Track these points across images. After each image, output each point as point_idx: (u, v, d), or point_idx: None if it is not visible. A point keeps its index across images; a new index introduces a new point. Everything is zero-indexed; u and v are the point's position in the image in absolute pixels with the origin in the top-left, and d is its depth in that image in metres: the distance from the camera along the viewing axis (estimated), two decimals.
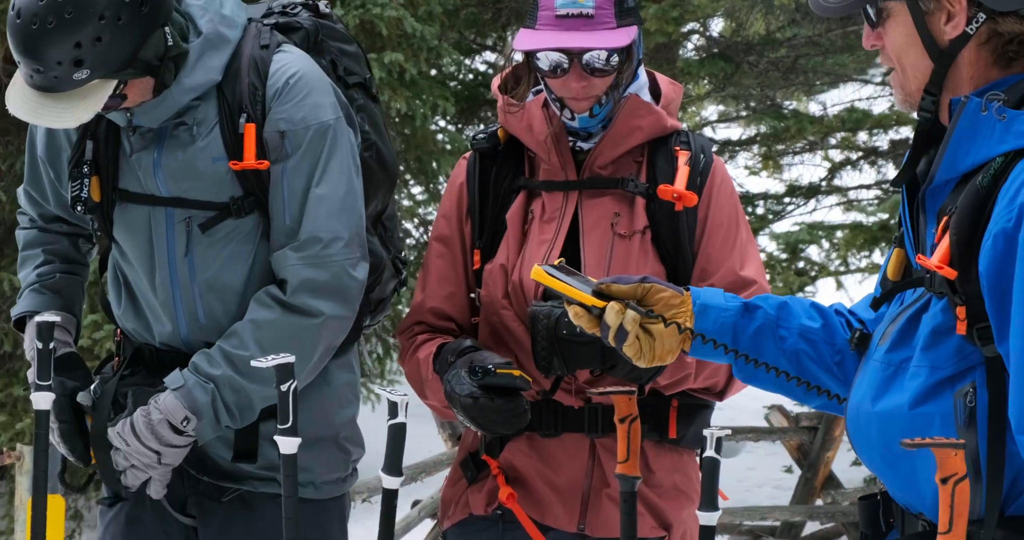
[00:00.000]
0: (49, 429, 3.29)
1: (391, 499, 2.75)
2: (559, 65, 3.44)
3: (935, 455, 2.29)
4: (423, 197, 10.73)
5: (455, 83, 10.83)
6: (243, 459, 3.50)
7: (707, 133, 13.51)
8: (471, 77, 11.32)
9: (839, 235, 11.46)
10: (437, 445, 10.68)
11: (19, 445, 7.48)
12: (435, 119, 10.28)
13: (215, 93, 3.44)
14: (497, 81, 3.67)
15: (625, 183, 3.54)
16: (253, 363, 2.77)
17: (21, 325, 3.65)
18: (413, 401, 2.76)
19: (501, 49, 11.28)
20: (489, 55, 11.85)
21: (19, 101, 3.27)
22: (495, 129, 3.66)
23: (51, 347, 3.23)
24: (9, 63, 8.79)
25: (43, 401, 3.16)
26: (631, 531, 2.79)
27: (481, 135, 3.66)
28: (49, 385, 3.17)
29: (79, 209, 3.50)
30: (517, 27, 10.74)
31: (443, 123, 10.89)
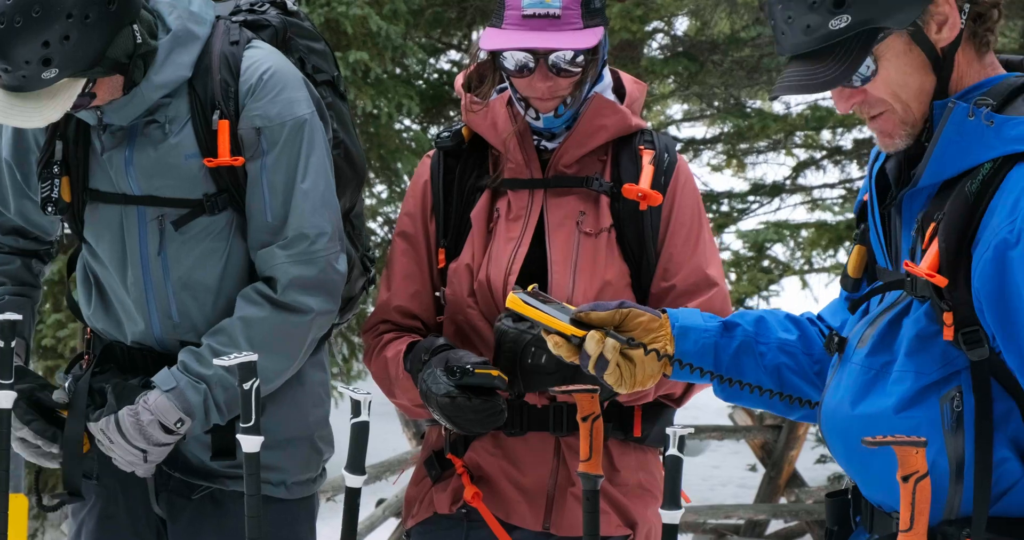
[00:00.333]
0: (11, 427, 3.27)
1: (354, 498, 2.74)
2: (525, 65, 3.44)
3: (896, 453, 2.30)
4: (387, 195, 10.71)
5: (420, 82, 10.80)
6: (222, 457, 3.48)
7: (671, 131, 13.51)
8: (436, 76, 11.29)
9: (804, 234, 11.48)
10: (402, 443, 10.68)
11: None
12: (400, 118, 10.25)
13: (187, 90, 3.42)
14: (461, 79, 3.66)
15: (590, 182, 3.54)
16: (216, 362, 2.76)
17: None
18: (376, 399, 2.75)
19: (467, 48, 11.27)
20: (454, 54, 11.82)
21: None
22: (459, 127, 3.66)
23: (11, 345, 3.21)
24: None
25: (4, 400, 3.15)
26: (594, 529, 2.79)
27: (445, 133, 3.66)
28: (11, 383, 3.16)
29: (49, 210, 3.47)
30: (483, 26, 10.73)
31: (408, 122, 10.87)
